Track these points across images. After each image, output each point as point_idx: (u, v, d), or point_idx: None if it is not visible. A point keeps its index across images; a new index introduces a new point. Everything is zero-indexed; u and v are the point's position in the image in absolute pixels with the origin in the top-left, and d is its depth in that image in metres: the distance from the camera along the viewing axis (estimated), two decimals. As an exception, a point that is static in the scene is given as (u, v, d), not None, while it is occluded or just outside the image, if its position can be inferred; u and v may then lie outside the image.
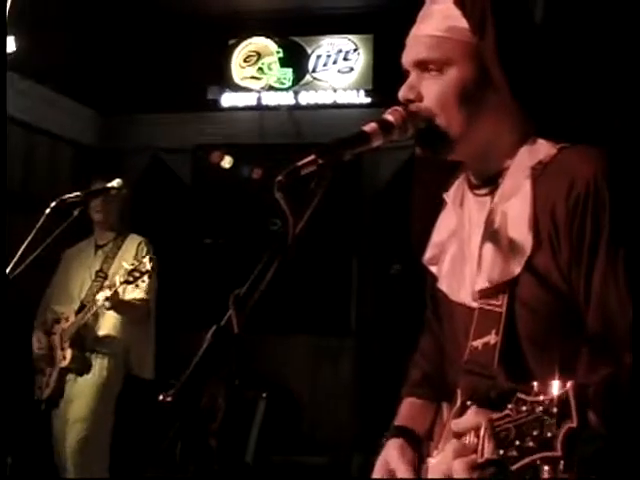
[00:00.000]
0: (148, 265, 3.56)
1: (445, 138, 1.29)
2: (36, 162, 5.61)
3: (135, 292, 3.75)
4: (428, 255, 1.47)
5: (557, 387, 0.92)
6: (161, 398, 0.97)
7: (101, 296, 3.61)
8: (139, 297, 3.79)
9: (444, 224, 1.45)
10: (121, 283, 3.57)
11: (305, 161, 1.13)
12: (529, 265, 1.24)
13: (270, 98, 6.22)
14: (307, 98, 6.16)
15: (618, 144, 1.33)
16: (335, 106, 6.09)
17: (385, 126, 1.24)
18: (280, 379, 5.58)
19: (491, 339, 1.26)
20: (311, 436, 5.56)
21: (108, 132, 6.32)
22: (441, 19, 1.29)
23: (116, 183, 3.40)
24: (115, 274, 3.69)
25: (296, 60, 6.24)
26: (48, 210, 2.74)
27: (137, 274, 3.56)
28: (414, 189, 1.52)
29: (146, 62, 6.24)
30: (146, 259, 3.59)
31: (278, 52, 6.25)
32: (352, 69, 6.15)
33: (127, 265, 3.58)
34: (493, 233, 1.29)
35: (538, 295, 1.24)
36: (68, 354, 3.79)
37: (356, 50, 6.14)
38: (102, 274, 3.91)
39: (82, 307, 3.84)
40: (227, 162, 6.10)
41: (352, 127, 1.24)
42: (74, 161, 6.00)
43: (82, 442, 3.72)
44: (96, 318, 3.84)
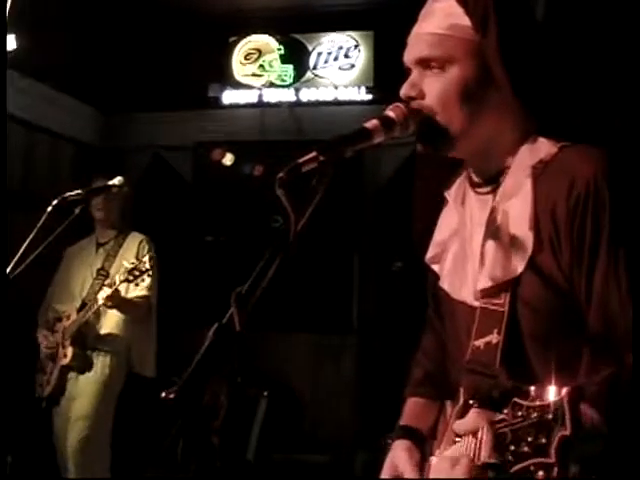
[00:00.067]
0: (148, 264, 3.57)
1: (446, 135, 1.29)
2: (37, 160, 5.60)
3: (136, 290, 3.75)
4: (430, 254, 1.47)
5: (553, 393, 0.93)
6: (163, 396, 0.97)
7: (102, 295, 3.62)
8: (141, 295, 3.80)
9: (446, 223, 1.45)
10: (121, 282, 3.57)
11: (306, 158, 1.13)
12: (531, 264, 1.24)
13: (271, 95, 6.22)
14: (308, 95, 6.16)
15: (619, 143, 1.33)
16: (336, 103, 6.08)
17: (386, 123, 1.24)
18: (282, 377, 5.58)
19: (493, 338, 1.26)
20: (313, 434, 5.56)
21: (109, 130, 6.32)
22: (443, 17, 1.29)
23: (117, 181, 3.39)
24: (116, 272, 3.69)
25: (297, 57, 6.23)
26: (49, 208, 2.73)
27: (137, 273, 3.56)
28: (415, 186, 1.52)
29: (147, 60, 6.24)
30: (146, 258, 3.60)
31: (279, 49, 6.24)
32: (353, 66, 6.15)
33: (127, 264, 3.59)
34: (495, 232, 1.29)
35: (540, 294, 1.24)
36: (69, 352, 3.79)
37: (357, 47, 6.13)
38: (103, 272, 3.91)
39: (83, 305, 3.84)
40: (228, 159, 6.09)
41: (353, 124, 1.24)
42: (75, 159, 6.00)
43: (84, 441, 3.73)
44: (98, 316, 3.85)
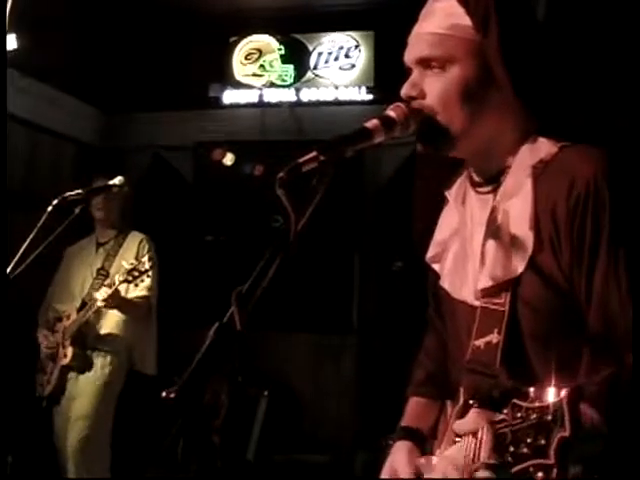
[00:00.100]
0: (147, 264, 3.57)
1: (447, 135, 1.29)
2: (38, 160, 5.60)
3: (136, 290, 3.76)
4: (430, 253, 1.47)
5: (552, 394, 0.93)
6: (164, 395, 0.97)
7: (100, 295, 3.62)
8: (141, 295, 3.80)
9: (446, 222, 1.45)
10: (120, 282, 3.58)
11: (307, 158, 1.13)
12: (531, 264, 1.24)
13: (271, 95, 6.21)
14: (308, 95, 6.16)
15: (619, 143, 1.33)
16: (336, 103, 6.08)
17: (387, 122, 1.24)
18: (282, 377, 5.58)
19: (493, 338, 1.26)
20: (313, 434, 5.56)
21: (110, 130, 6.32)
22: (444, 17, 1.29)
23: (118, 181, 3.40)
24: (116, 272, 3.69)
25: (297, 57, 6.23)
26: (50, 208, 2.74)
27: (136, 273, 3.57)
28: (416, 186, 1.52)
29: (148, 60, 6.24)
30: (145, 258, 3.60)
31: (279, 49, 6.24)
32: (353, 66, 6.14)
33: (127, 265, 3.59)
34: (495, 231, 1.29)
35: (540, 294, 1.24)
36: (69, 352, 3.79)
37: (357, 47, 6.13)
38: (103, 272, 3.91)
39: (83, 305, 3.84)
40: (229, 159, 6.09)
41: (354, 124, 1.24)
42: (76, 159, 5.99)
43: (83, 440, 3.73)
44: (98, 316, 3.85)
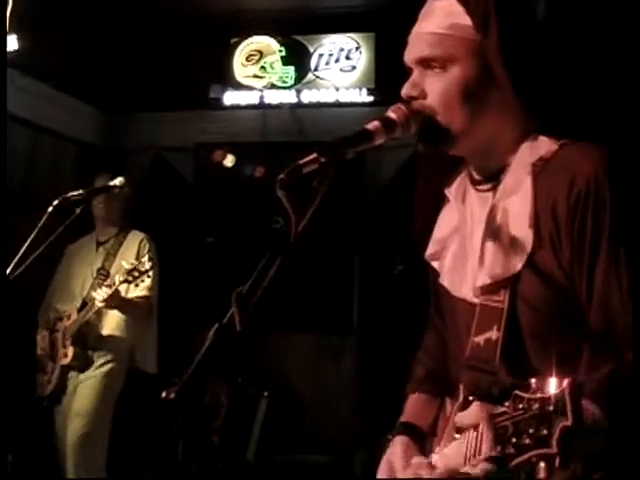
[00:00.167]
0: (147, 264, 3.56)
1: (447, 135, 1.29)
2: (38, 160, 5.60)
3: (137, 290, 3.75)
4: (430, 251, 1.47)
5: (554, 385, 0.93)
6: (164, 395, 0.98)
7: (100, 295, 3.62)
8: (141, 295, 3.80)
9: (446, 220, 1.46)
10: (120, 282, 3.58)
11: (307, 159, 1.13)
12: (530, 262, 1.24)
13: (272, 96, 6.21)
14: (309, 96, 6.15)
15: (619, 141, 1.33)
16: (337, 104, 6.07)
17: (388, 124, 1.24)
18: (282, 377, 5.58)
19: (493, 335, 1.27)
20: (313, 434, 5.56)
21: (110, 131, 6.32)
22: (443, 16, 1.29)
23: (118, 181, 3.40)
24: (116, 272, 3.69)
25: (298, 59, 6.23)
26: (50, 208, 2.74)
27: (136, 273, 3.56)
28: (416, 184, 1.52)
29: (148, 61, 6.24)
30: (145, 258, 3.60)
31: (280, 51, 6.24)
32: (354, 67, 6.14)
33: (127, 265, 3.59)
34: (495, 229, 1.30)
35: (539, 292, 1.24)
36: (70, 352, 3.79)
37: (358, 48, 6.13)
38: (104, 272, 3.91)
39: (84, 305, 3.84)
40: (229, 160, 6.09)
41: (354, 125, 1.24)
42: (76, 159, 5.99)
43: (82, 439, 3.72)
44: (99, 316, 3.85)
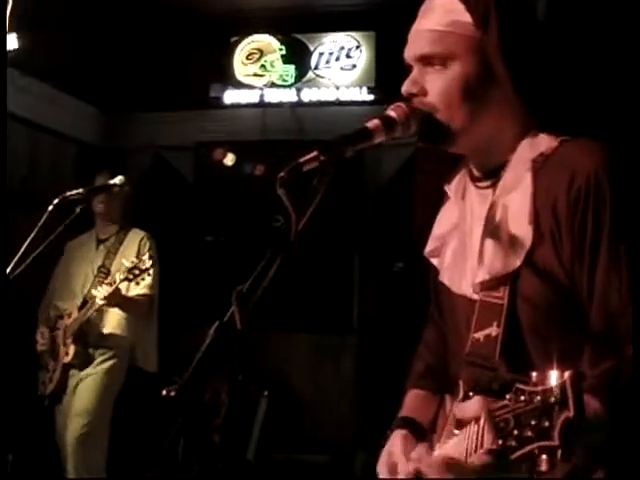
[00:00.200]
0: (148, 263, 3.57)
1: (447, 132, 1.30)
2: (38, 160, 5.60)
3: (137, 288, 3.75)
4: (429, 248, 1.48)
5: (555, 377, 0.93)
6: (164, 393, 0.98)
7: (100, 293, 3.62)
8: (142, 293, 3.80)
9: (445, 217, 1.46)
10: (121, 280, 3.58)
11: (307, 157, 1.13)
12: (530, 259, 1.24)
13: (272, 95, 6.21)
14: (309, 95, 6.15)
15: (619, 139, 1.33)
16: (337, 103, 6.08)
17: (388, 122, 1.24)
18: (282, 377, 5.58)
19: (492, 331, 1.27)
20: (313, 434, 5.56)
21: (110, 130, 6.32)
22: (443, 13, 1.29)
23: (118, 180, 3.40)
24: (117, 270, 3.69)
25: (298, 57, 6.23)
26: (50, 207, 2.74)
27: (137, 272, 3.56)
28: (416, 181, 1.52)
29: (149, 60, 6.24)
30: (146, 256, 3.60)
31: (280, 49, 6.24)
32: (354, 66, 6.14)
33: (127, 263, 3.59)
34: (494, 226, 1.30)
35: (539, 288, 1.24)
36: (71, 350, 3.80)
37: (358, 47, 6.13)
38: (104, 270, 3.91)
39: (85, 303, 3.84)
40: (229, 159, 6.10)
41: (354, 124, 1.24)
42: (76, 159, 5.99)
43: (82, 437, 3.72)
44: (100, 314, 3.85)
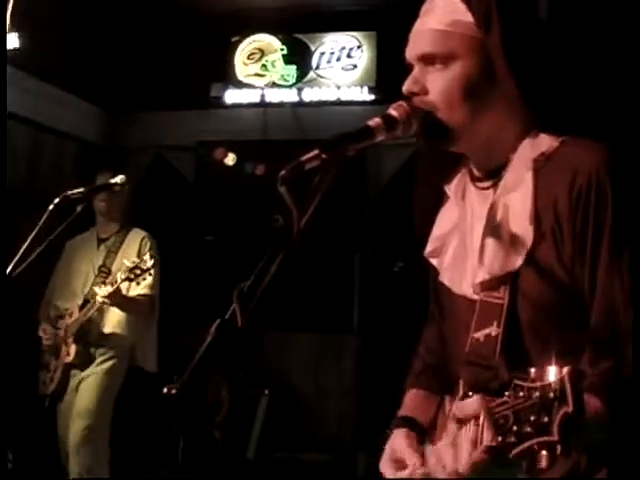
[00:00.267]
0: (149, 262, 3.57)
1: (448, 131, 1.29)
2: (40, 159, 5.60)
3: (138, 288, 3.75)
4: (429, 248, 1.47)
5: (554, 373, 0.93)
6: (165, 391, 0.98)
7: (101, 293, 3.62)
8: (143, 293, 3.80)
9: (446, 217, 1.45)
10: (122, 280, 3.58)
11: (309, 156, 1.13)
12: (531, 258, 1.24)
13: (274, 95, 6.21)
14: (311, 95, 6.15)
15: (621, 139, 1.33)
16: (338, 103, 6.08)
17: (389, 121, 1.24)
18: (282, 376, 5.58)
19: (492, 331, 1.27)
20: (313, 433, 5.56)
21: (112, 129, 6.32)
22: (445, 13, 1.29)
23: (119, 179, 3.41)
24: (118, 270, 3.69)
25: (300, 57, 6.23)
26: (51, 206, 2.74)
27: (138, 271, 3.56)
28: (416, 180, 1.52)
29: (150, 60, 6.24)
30: (147, 256, 3.60)
31: (282, 49, 6.24)
32: (355, 66, 6.14)
33: (128, 262, 3.59)
34: (495, 226, 1.30)
35: (540, 288, 1.24)
36: (72, 350, 3.80)
37: (359, 47, 6.13)
38: (105, 269, 3.91)
39: (85, 302, 3.85)
40: (230, 159, 6.10)
41: (355, 124, 1.24)
42: (78, 158, 5.99)
43: (83, 437, 3.72)
44: (101, 314, 3.85)
